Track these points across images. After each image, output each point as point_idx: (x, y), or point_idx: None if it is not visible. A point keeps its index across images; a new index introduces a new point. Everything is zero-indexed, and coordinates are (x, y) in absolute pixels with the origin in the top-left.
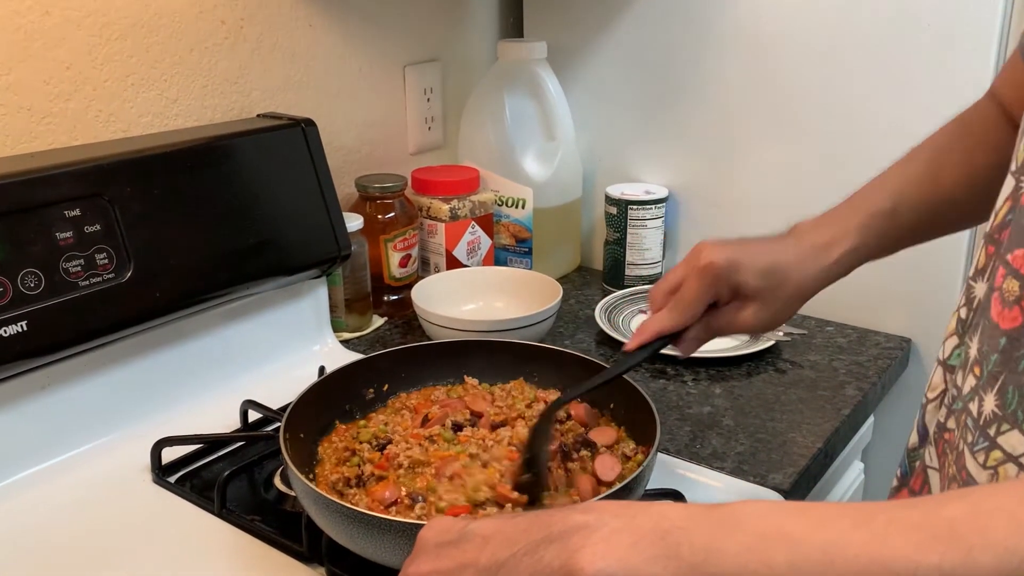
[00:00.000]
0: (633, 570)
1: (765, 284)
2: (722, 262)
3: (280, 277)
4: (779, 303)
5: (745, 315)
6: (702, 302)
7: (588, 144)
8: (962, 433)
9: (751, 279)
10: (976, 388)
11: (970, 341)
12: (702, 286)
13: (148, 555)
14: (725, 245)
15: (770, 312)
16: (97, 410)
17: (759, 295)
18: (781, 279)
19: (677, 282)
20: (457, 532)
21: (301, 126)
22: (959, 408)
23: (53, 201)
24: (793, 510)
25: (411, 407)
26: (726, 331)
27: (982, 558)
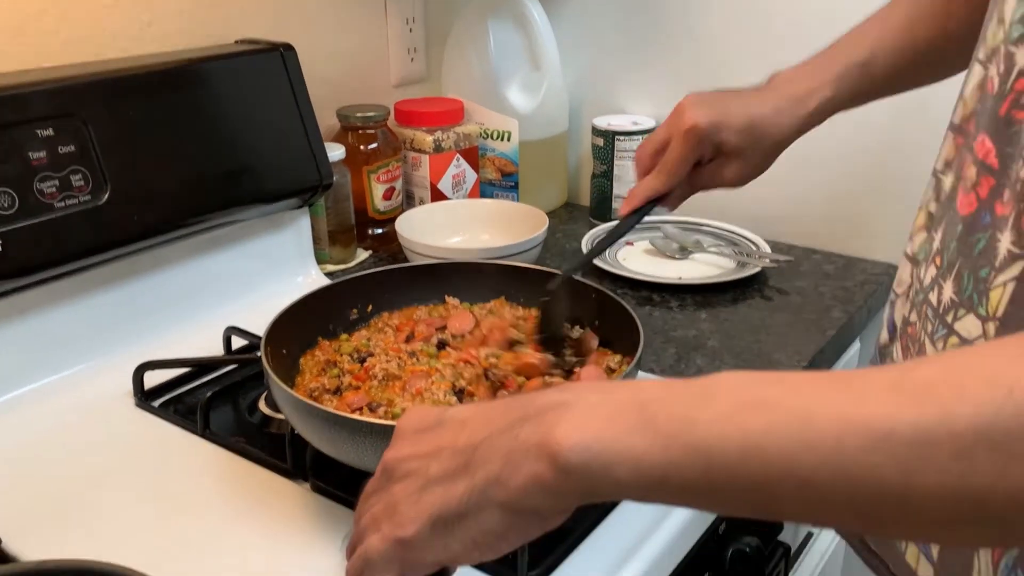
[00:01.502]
0: (610, 442)
1: (745, 140)
2: (705, 124)
3: (261, 205)
4: (758, 157)
5: (728, 171)
6: (687, 163)
7: (575, 76)
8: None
9: (732, 137)
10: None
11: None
12: (686, 148)
13: (133, 476)
14: (706, 104)
15: (751, 166)
16: (77, 336)
17: (740, 151)
18: (760, 133)
19: (661, 143)
20: (434, 419)
21: (280, 51)
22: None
23: (24, 120)
24: (770, 379)
25: (393, 326)
26: (709, 187)
27: (959, 410)
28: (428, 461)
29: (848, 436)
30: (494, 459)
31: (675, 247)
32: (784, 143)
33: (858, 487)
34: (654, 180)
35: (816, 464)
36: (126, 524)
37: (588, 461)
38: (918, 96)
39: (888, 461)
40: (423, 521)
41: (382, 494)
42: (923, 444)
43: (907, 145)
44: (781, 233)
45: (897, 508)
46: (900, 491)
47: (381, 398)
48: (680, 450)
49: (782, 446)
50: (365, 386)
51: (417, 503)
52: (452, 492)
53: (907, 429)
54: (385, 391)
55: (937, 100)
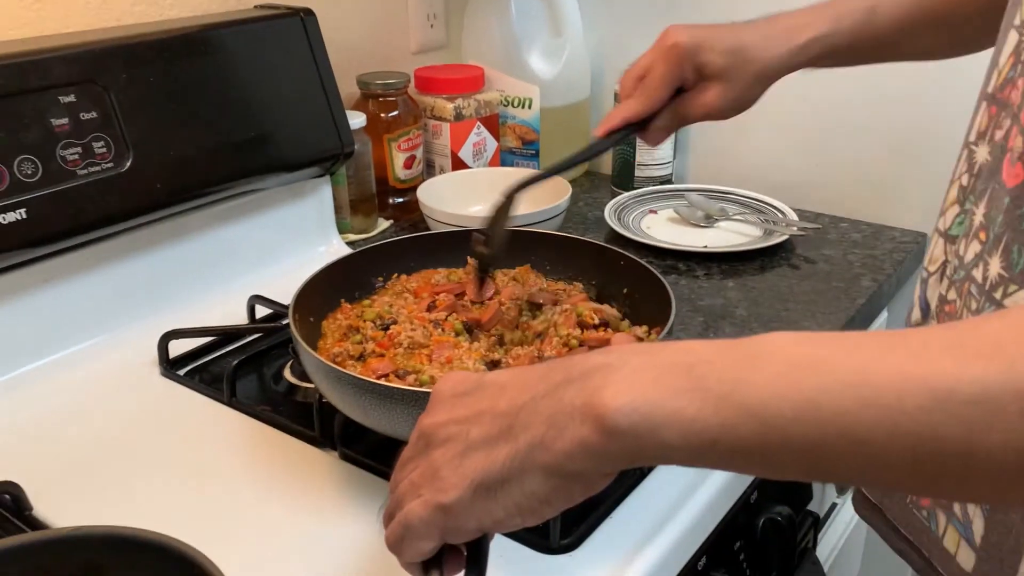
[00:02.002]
0: (658, 404)
1: (729, 63)
2: (686, 41)
3: (282, 173)
4: (743, 83)
5: (709, 96)
6: (668, 85)
7: (597, 41)
8: (965, 302)
9: (715, 58)
10: (981, 253)
11: (975, 208)
12: (668, 68)
13: (160, 445)
14: (692, 27)
15: (735, 92)
16: (101, 305)
17: (723, 74)
18: (746, 58)
19: (645, 68)
20: (473, 383)
21: (300, 15)
22: (961, 277)
23: (46, 86)
24: (823, 338)
25: (411, 289)
26: (692, 115)
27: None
28: (468, 426)
29: (907, 394)
30: (537, 422)
31: (700, 215)
32: (771, 73)
33: (918, 446)
34: (634, 102)
35: (874, 423)
36: (154, 492)
37: (636, 423)
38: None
39: (950, 420)
40: (465, 486)
41: (420, 460)
42: (988, 402)
43: (936, 111)
44: (808, 201)
45: (959, 467)
46: (962, 450)
47: (407, 366)
48: (732, 411)
49: (838, 405)
50: (390, 353)
51: (459, 468)
52: (495, 456)
53: (970, 387)
54: (411, 359)
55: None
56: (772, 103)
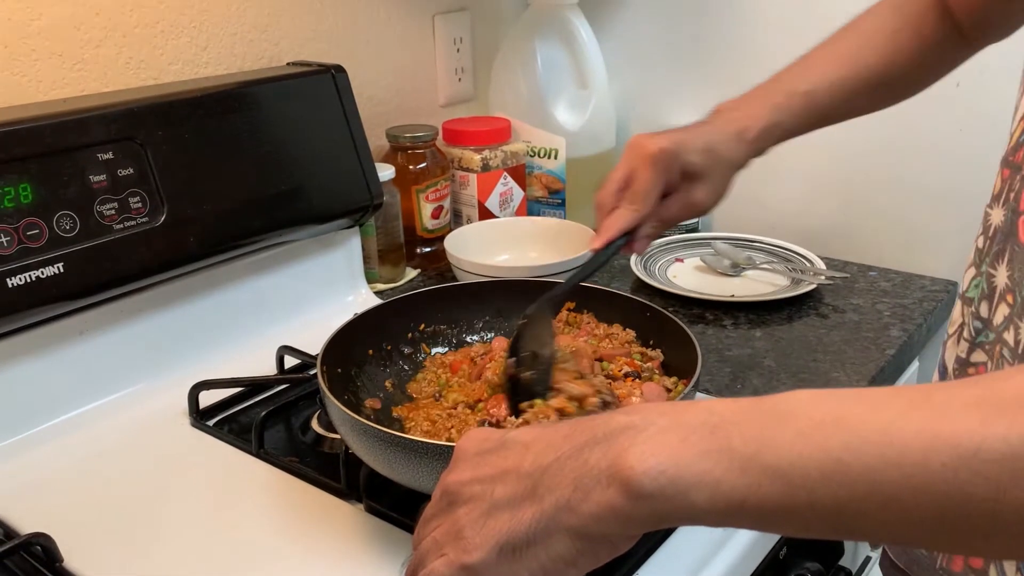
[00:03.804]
0: (684, 466)
1: (707, 161)
2: (670, 146)
3: (313, 225)
4: (720, 178)
5: (698, 195)
6: (658, 189)
7: (621, 92)
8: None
9: (696, 158)
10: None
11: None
12: (655, 173)
13: (189, 495)
14: (659, 134)
15: (716, 187)
16: (134, 356)
17: (704, 173)
18: (718, 155)
19: (625, 178)
20: (497, 440)
21: (331, 72)
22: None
23: (85, 144)
24: (847, 396)
25: (448, 364)
26: (678, 217)
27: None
28: (492, 485)
29: (934, 453)
30: (563, 484)
31: (727, 263)
32: (739, 165)
33: (946, 505)
34: (625, 212)
35: (901, 482)
36: (182, 543)
37: (664, 486)
38: (977, 112)
39: (976, 478)
40: (490, 547)
41: (444, 518)
42: (1013, 460)
43: (966, 159)
44: (836, 249)
45: (986, 525)
46: (989, 508)
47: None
48: (758, 472)
49: (865, 464)
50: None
51: (483, 528)
52: (520, 517)
53: (996, 444)
54: None
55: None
56: (798, 151)
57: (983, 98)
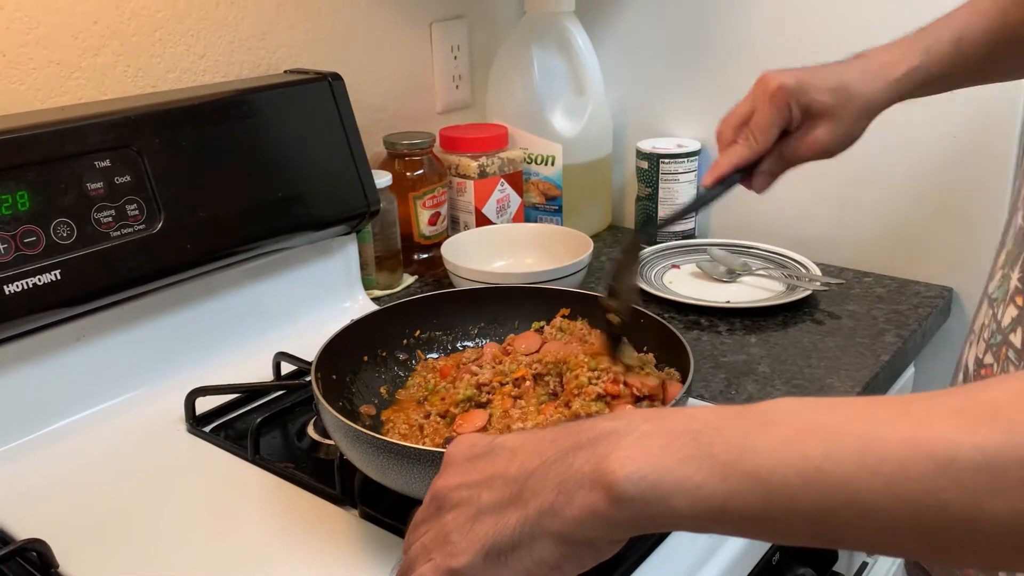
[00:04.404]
0: (665, 472)
1: (835, 101)
2: (792, 83)
3: (309, 232)
4: (849, 119)
5: (818, 134)
6: (777, 126)
7: (618, 99)
8: (1003, 366)
9: (822, 96)
10: (1018, 318)
11: (1011, 272)
12: (774, 109)
13: (185, 501)
14: (790, 70)
15: (843, 128)
16: (130, 363)
17: (829, 112)
18: (849, 94)
19: (747, 113)
20: (484, 446)
21: (328, 80)
22: (998, 342)
23: (82, 152)
24: (828, 404)
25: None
26: (801, 156)
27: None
28: (479, 490)
29: (911, 461)
30: (547, 489)
31: (723, 270)
32: (874, 108)
33: (923, 514)
34: (741, 147)
35: (879, 490)
36: (178, 549)
37: (644, 491)
38: (974, 114)
39: (953, 487)
40: (476, 551)
41: (432, 523)
42: (990, 469)
43: (961, 164)
44: (831, 255)
45: (965, 536)
46: (967, 517)
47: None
48: (738, 479)
49: (844, 472)
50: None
51: (469, 533)
52: (505, 522)
53: (972, 453)
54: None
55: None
56: None
57: (979, 105)
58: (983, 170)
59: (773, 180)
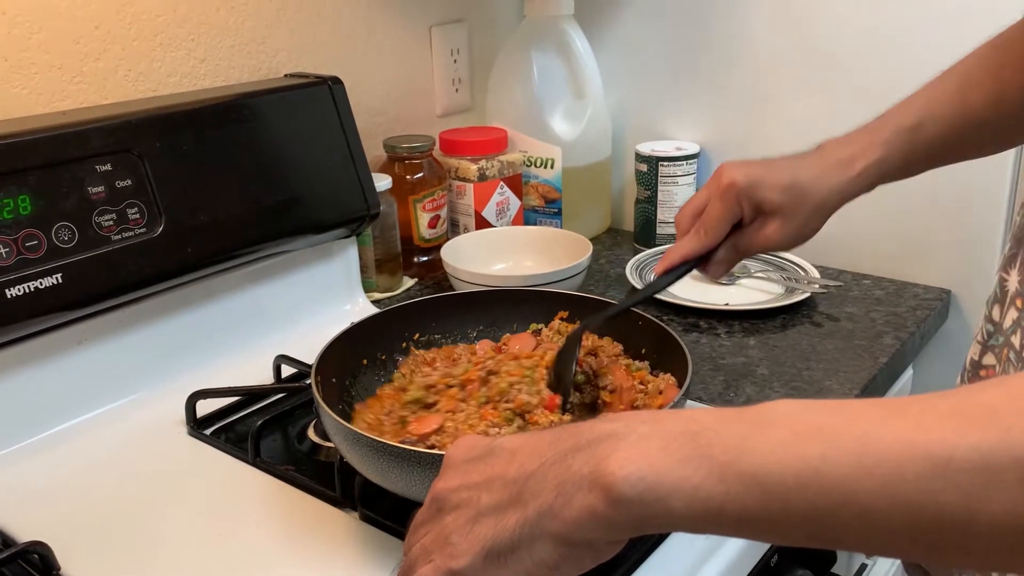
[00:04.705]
0: (664, 473)
1: (786, 199)
2: (743, 180)
3: (310, 235)
4: (801, 218)
5: (768, 231)
6: (726, 221)
7: (617, 102)
8: (1005, 368)
9: (772, 195)
10: (1019, 320)
11: (1006, 274)
12: (725, 206)
13: (186, 503)
14: (746, 164)
15: (793, 227)
16: (132, 366)
17: (781, 210)
18: (802, 193)
19: (701, 205)
20: (484, 448)
21: (328, 84)
22: (1000, 343)
23: (84, 156)
24: (826, 407)
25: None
26: (752, 249)
27: (1022, 437)
28: (479, 492)
29: (907, 462)
30: (546, 490)
31: None
32: (828, 207)
33: (919, 515)
34: (692, 239)
35: (875, 492)
36: (179, 551)
37: (642, 492)
38: None
39: (949, 488)
40: (475, 553)
41: (432, 525)
42: (985, 470)
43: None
44: (830, 258)
45: (960, 536)
46: (963, 519)
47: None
48: (736, 480)
49: (840, 473)
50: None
51: (469, 534)
52: (504, 523)
53: (968, 454)
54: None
55: None
56: None
57: None
58: (981, 172)
59: (728, 268)
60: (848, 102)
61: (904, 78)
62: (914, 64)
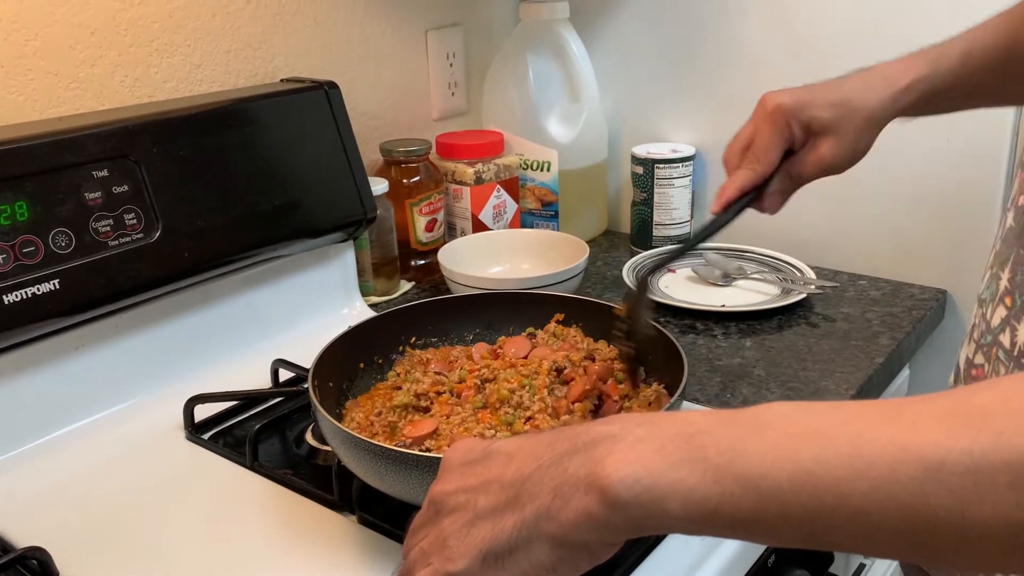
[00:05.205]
0: (659, 475)
1: (836, 115)
2: (790, 102)
3: (306, 239)
4: (853, 133)
5: (822, 150)
6: (778, 147)
7: (613, 105)
8: (994, 367)
9: (822, 112)
10: (1007, 319)
11: (1000, 272)
12: (775, 130)
13: (184, 508)
14: (789, 89)
15: (847, 143)
16: (130, 371)
17: (832, 128)
18: (851, 108)
19: (749, 137)
20: (481, 451)
21: (324, 88)
22: (988, 342)
23: (81, 162)
24: (820, 409)
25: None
26: (807, 174)
27: (1015, 440)
28: (476, 495)
29: (900, 465)
30: (543, 492)
31: (718, 274)
32: (878, 119)
33: (912, 517)
34: (746, 171)
35: (869, 494)
36: (178, 556)
37: (638, 495)
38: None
39: (941, 491)
40: (473, 555)
41: (430, 528)
42: (977, 473)
43: (955, 168)
44: (826, 258)
45: (953, 538)
46: (955, 521)
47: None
48: (731, 481)
49: (834, 476)
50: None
51: (466, 537)
52: (502, 526)
53: (960, 457)
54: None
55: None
56: None
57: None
58: (976, 173)
59: (784, 200)
60: None
61: None
62: None
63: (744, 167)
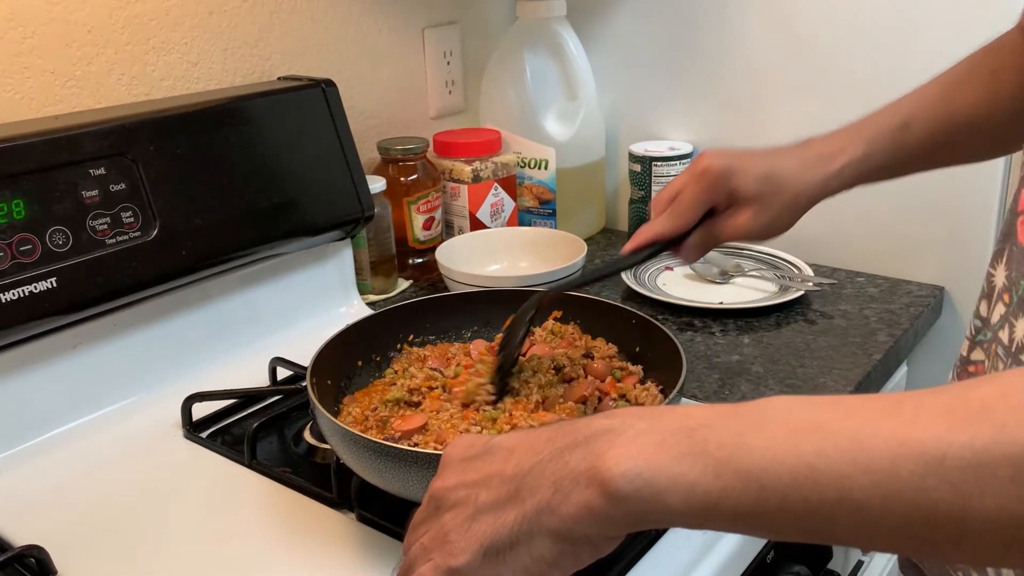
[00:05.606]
0: (660, 469)
1: (762, 189)
2: (719, 167)
3: (304, 238)
4: (776, 209)
5: (740, 220)
6: (700, 206)
7: (611, 103)
8: (993, 363)
9: (747, 183)
10: (1006, 315)
11: (993, 269)
12: (699, 190)
13: (182, 506)
14: (726, 152)
15: (767, 217)
16: (127, 369)
17: (756, 200)
18: (778, 185)
19: (677, 189)
20: (481, 446)
21: (321, 86)
22: (987, 339)
23: (78, 160)
24: (821, 403)
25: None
26: (723, 236)
27: (1015, 434)
28: (477, 490)
29: (901, 459)
30: (544, 487)
31: (716, 271)
32: (805, 199)
33: (913, 511)
34: (663, 220)
35: (870, 488)
36: (176, 554)
37: (639, 488)
38: None
39: (942, 485)
40: (474, 550)
41: (431, 523)
42: (978, 467)
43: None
44: (823, 255)
45: (953, 532)
46: (956, 515)
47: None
48: (732, 476)
49: (835, 470)
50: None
51: (468, 532)
52: (503, 521)
53: (961, 451)
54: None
55: None
56: None
57: None
58: (974, 169)
59: (700, 254)
60: (840, 102)
61: (897, 79)
62: (908, 65)
63: (664, 217)
